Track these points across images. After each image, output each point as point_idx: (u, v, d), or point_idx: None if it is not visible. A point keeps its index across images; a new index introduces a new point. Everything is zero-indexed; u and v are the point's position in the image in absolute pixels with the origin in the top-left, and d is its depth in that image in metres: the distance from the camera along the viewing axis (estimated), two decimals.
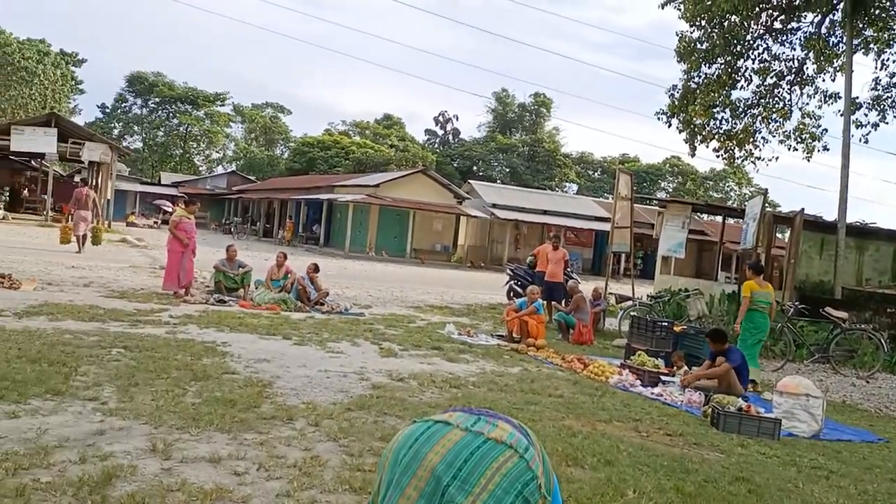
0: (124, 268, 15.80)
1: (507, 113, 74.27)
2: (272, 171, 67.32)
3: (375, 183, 35.77)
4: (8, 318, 8.22)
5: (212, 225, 48.14)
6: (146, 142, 71.99)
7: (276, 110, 79.89)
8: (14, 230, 24.31)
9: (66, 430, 4.57)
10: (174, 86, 71.33)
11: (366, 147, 61.56)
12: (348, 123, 77.62)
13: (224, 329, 9.09)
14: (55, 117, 32.33)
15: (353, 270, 23.50)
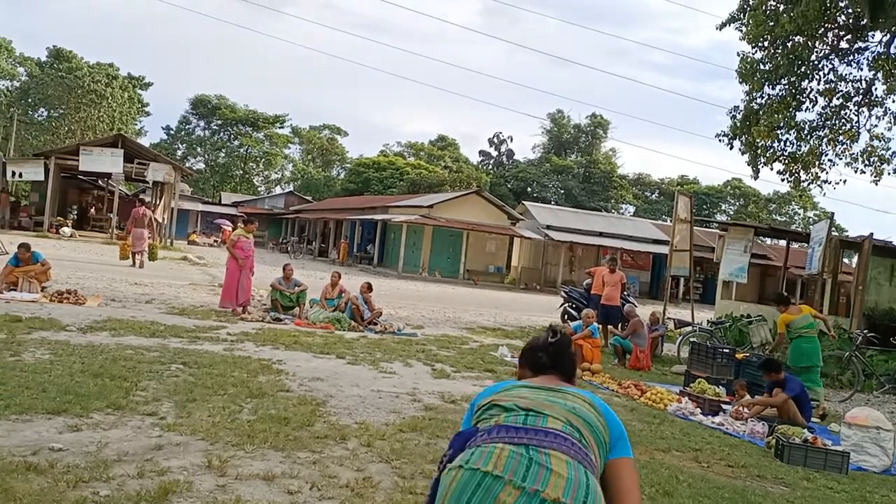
0: (184, 285, 16.18)
1: (562, 134, 73.98)
2: (328, 192, 68.37)
3: (429, 204, 35.95)
4: (73, 332, 8.46)
5: (269, 244, 49.04)
6: (208, 163, 73.99)
7: (333, 132, 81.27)
8: (80, 247, 25.18)
9: (126, 444, 4.65)
10: (236, 108, 73.31)
11: (420, 168, 62.02)
12: (403, 145, 78.44)
13: (279, 347, 9.19)
14: (122, 138, 33.53)
15: (405, 290, 23.58)
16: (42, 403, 5.24)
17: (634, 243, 37.84)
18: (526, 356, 2.52)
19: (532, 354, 2.49)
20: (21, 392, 5.47)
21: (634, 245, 37.61)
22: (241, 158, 74.75)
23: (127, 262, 19.76)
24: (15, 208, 33.41)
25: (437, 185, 54.47)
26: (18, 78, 65.10)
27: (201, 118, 74.23)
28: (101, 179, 38.43)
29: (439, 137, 79.67)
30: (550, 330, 2.55)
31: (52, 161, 31.46)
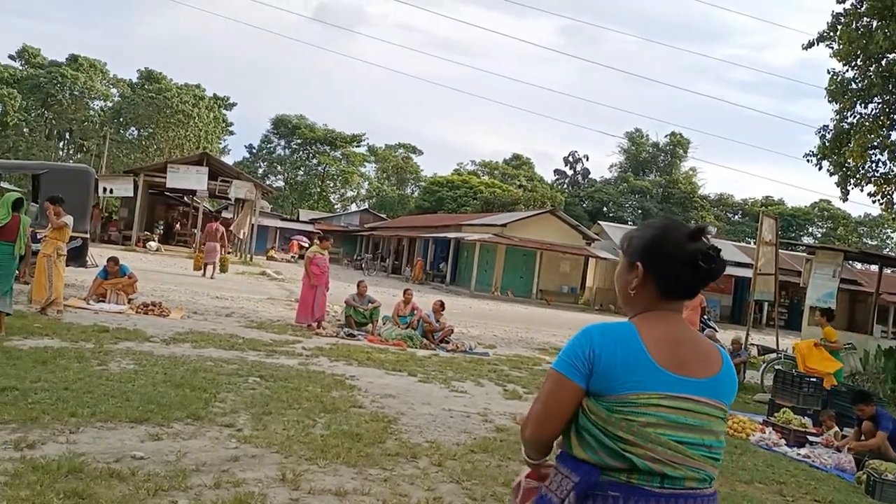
0: (263, 300, 16.57)
1: (640, 153, 72.77)
2: (402, 210, 69.14)
3: (503, 223, 35.84)
4: (157, 343, 8.76)
5: (344, 260, 49.85)
6: (287, 180, 75.97)
7: (409, 150, 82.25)
8: (165, 261, 26.18)
9: (204, 454, 4.74)
10: (315, 128, 75.17)
11: (494, 187, 62.03)
12: (477, 163, 78.66)
13: (353, 363, 9.27)
14: (207, 157, 34.81)
15: (478, 309, 23.51)
16: (125, 412, 5.41)
17: None
18: (664, 262, 1.84)
19: (676, 263, 1.83)
20: (106, 400, 5.67)
21: None
22: (318, 176, 76.48)
23: (201, 273, 21.23)
24: (106, 223, 35.02)
25: (510, 204, 54.33)
26: (111, 98, 68.63)
27: (282, 137, 76.40)
28: (186, 196, 39.92)
29: (514, 156, 79.63)
30: (699, 230, 1.86)
31: (141, 178, 32.90)
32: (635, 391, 1.73)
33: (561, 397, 1.79)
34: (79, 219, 11.56)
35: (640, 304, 1.90)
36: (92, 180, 15.21)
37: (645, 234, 1.91)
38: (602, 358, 1.76)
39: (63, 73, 64.27)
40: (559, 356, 1.82)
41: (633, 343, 1.78)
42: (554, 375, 1.80)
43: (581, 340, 1.80)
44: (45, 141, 65.18)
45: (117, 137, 63.81)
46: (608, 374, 1.75)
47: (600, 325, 1.84)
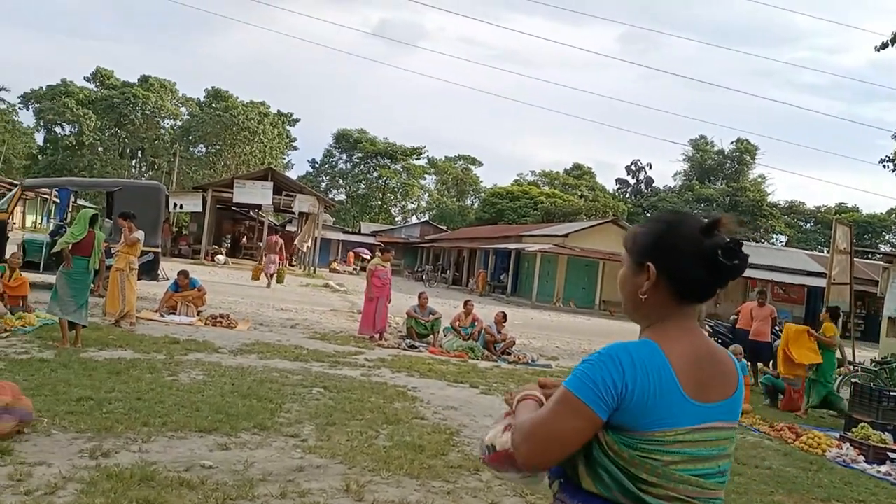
0: (326, 311, 16.80)
1: (705, 161, 71.26)
2: (462, 221, 69.31)
3: (564, 233, 35.53)
4: (225, 354, 8.96)
5: (405, 272, 50.18)
6: (349, 194, 77.13)
7: (468, 162, 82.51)
8: (232, 274, 26.85)
9: (270, 464, 4.82)
10: (376, 142, 76.18)
11: (554, 197, 61.64)
12: (537, 174, 78.35)
13: (414, 374, 9.30)
14: (271, 172, 35.66)
15: (539, 321, 23.33)
16: (195, 422, 5.54)
17: (786, 275, 35.55)
18: (678, 261, 1.63)
19: (692, 261, 1.62)
20: (177, 410, 5.82)
21: (786, 277, 35.33)
22: (379, 189, 77.39)
23: (262, 284, 22.36)
24: (176, 238, 36.14)
25: (572, 214, 53.88)
26: (181, 117, 71.05)
27: (343, 151, 77.67)
28: (252, 210, 40.90)
29: (574, 166, 79.03)
30: (714, 222, 1.64)
31: (209, 193, 33.91)
32: (662, 429, 1.56)
33: (575, 426, 1.55)
34: (150, 234, 11.97)
35: (653, 310, 1.68)
36: (163, 196, 15.72)
37: (654, 230, 1.69)
38: (635, 394, 1.54)
39: (135, 93, 66.88)
40: (580, 378, 1.56)
41: (665, 373, 1.57)
42: (572, 400, 1.55)
43: (610, 368, 1.55)
44: (119, 159, 67.89)
45: (186, 154, 66.00)
46: (637, 411, 1.55)
47: (629, 351, 1.58)
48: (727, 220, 1.63)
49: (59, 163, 63.02)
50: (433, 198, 79.54)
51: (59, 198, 16.71)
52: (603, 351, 1.59)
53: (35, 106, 67.22)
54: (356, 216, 73.61)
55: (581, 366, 1.59)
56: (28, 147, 68.11)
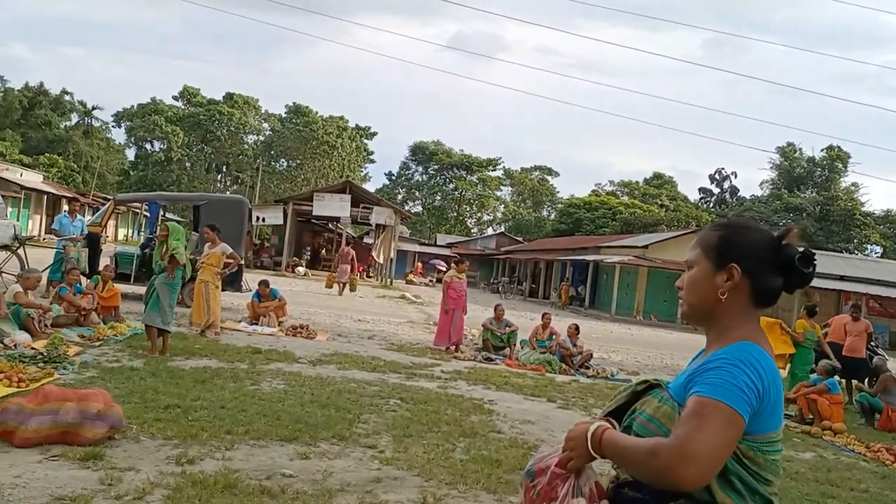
0: (402, 323, 16.92)
1: (794, 169, 68.55)
2: (538, 232, 68.84)
3: (644, 244, 34.78)
4: (304, 365, 9.11)
5: (481, 284, 50.14)
6: (425, 206, 77.78)
7: (544, 172, 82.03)
8: (311, 285, 27.44)
9: (348, 474, 4.84)
10: (452, 153, 76.64)
11: (634, 207, 60.53)
12: (616, 184, 77.20)
13: (491, 387, 9.22)
14: (349, 185, 36.34)
15: (619, 334, 22.86)
16: (276, 430, 5.63)
17: (883, 288, 33.70)
18: (761, 264, 1.69)
19: (771, 267, 1.69)
20: (259, 419, 5.94)
21: (883, 290, 33.50)
22: (455, 201, 77.76)
23: (335, 292, 23.82)
24: (258, 250, 37.20)
25: (652, 224, 52.77)
26: (263, 133, 73.31)
27: (420, 164, 78.46)
28: (330, 223, 41.72)
29: (655, 175, 77.50)
30: (787, 232, 1.72)
31: (289, 207, 34.81)
32: (776, 429, 1.63)
33: (733, 436, 1.55)
34: (234, 246, 12.31)
35: (728, 313, 1.71)
36: (246, 210, 16.19)
37: (734, 234, 1.73)
38: (770, 394, 1.59)
39: (220, 110, 69.45)
40: (725, 387, 1.56)
41: (778, 376, 1.64)
42: (729, 413, 1.54)
43: (749, 373, 1.58)
44: (205, 174, 70.57)
45: (268, 169, 68.00)
46: (766, 413, 1.60)
47: (754, 355, 1.62)
48: (798, 230, 1.70)
49: (149, 178, 65.96)
50: (509, 209, 79.34)
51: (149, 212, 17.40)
52: (728, 357, 1.60)
53: (127, 124, 70.79)
54: (432, 228, 74.13)
55: (712, 374, 1.59)
56: (120, 163, 71.56)
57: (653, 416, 1.70)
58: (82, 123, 69.14)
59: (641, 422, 1.71)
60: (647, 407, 1.73)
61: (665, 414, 1.68)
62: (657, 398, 1.73)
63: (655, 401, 1.73)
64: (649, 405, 1.72)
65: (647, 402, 1.74)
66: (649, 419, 1.70)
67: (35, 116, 65.57)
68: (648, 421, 1.70)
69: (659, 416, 1.69)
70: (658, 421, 1.68)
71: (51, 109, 67.20)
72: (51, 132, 65.53)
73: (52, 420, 4.67)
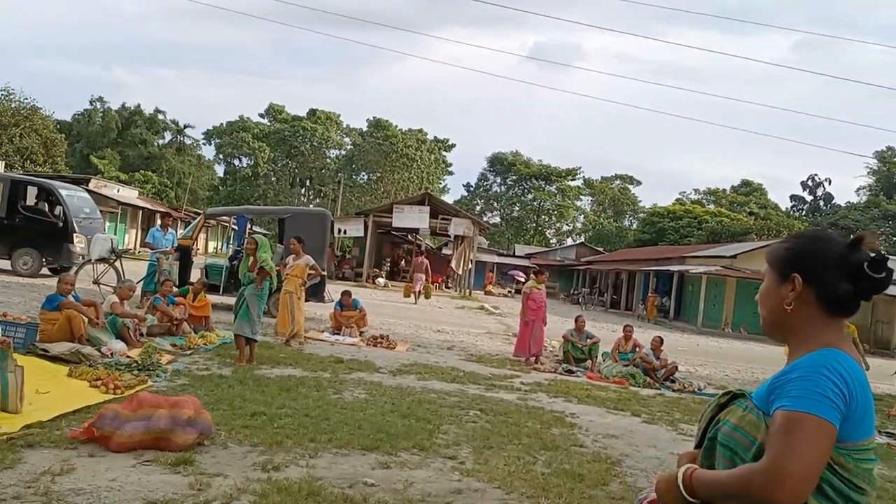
0: (481, 333, 16.88)
1: (893, 174, 65.05)
2: (620, 243, 67.64)
3: (732, 254, 33.64)
4: (385, 374, 9.19)
5: (560, 295, 49.58)
6: (503, 216, 77.67)
7: (625, 181, 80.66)
8: (390, 295, 27.76)
9: (429, 485, 4.83)
10: (530, 164, 76.33)
11: (721, 216, 58.67)
12: (701, 192, 75.16)
13: (572, 400, 9.06)
14: (428, 196, 36.66)
15: (706, 347, 22.15)
16: (358, 439, 5.68)
17: None
18: (825, 272, 1.65)
19: (838, 274, 1.64)
20: (341, 427, 6.00)
21: None
22: (534, 211, 77.34)
23: (414, 301, 24.82)
24: (340, 261, 37.94)
25: (740, 233, 51.04)
26: (345, 147, 74.91)
27: (498, 174, 78.44)
28: (410, 234, 42.17)
29: (743, 182, 75.09)
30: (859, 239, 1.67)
31: (370, 219, 35.38)
32: (867, 436, 1.60)
33: (825, 447, 1.52)
34: (317, 258, 12.59)
35: (799, 324, 1.69)
36: (328, 222, 16.53)
37: (799, 244, 1.73)
38: (858, 400, 1.56)
39: (304, 126, 71.43)
40: (809, 397, 1.53)
41: (865, 380, 1.60)
42: (814, 421, 1.51)
43: (834, 378, 1.55)
44: (290, 188, 72.61)
45: (350, 182, 69.38)
46: (856, 418, 1.56)
47: (838, 360, 1.58)
48: (870, 237, 1.67)
49: (237, 192, 68.37)
50: (589, 219, 78.30)
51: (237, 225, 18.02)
52: (810, 365, 1.57)
53: (216, 141, 73.72)
54: (510, 238, 73.90)
55: (795, 385, 1.55)
56: (210, 179, 74.54)
57: (738, 424, 1.66)
58: (175, 141, 72.49)
59: (726, 431, 1.68)
60: (731, 416, 1.70)
61: (750, 422, 1.65)
62: (741, 407, 1.70)
63: (740, 410, 1.69)
64: (734, 414, 1.69)
65: (732, 412, 1.71)
66: (734, 428, 1.67)
67: (131, 136, 69.18)
68: (734, 430, 1.67)
69: (744, 424, 1.65)
70: (743, 430, 1.65)
71: (146, 128, 70.80)
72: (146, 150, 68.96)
73: (146, 426, 4.85)
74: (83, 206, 18.46)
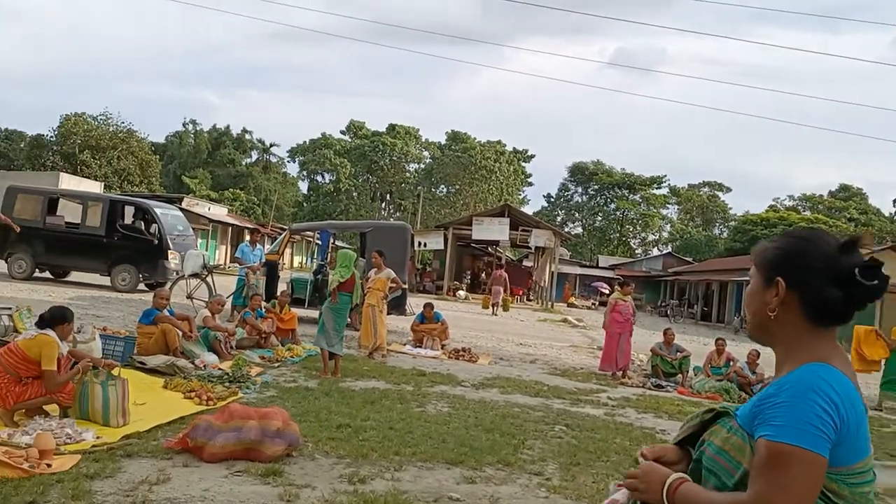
0: (565, 347, 16.62)
1: None
2: (710, 252, 65.55)
3: None
4: (468, 388, 9.14)
5: (647, 307, 48.40)
6: (585, 227, 76.64)
7: (714, 188, 78.29)
8: (471, 308, 27.73)
9: (515, 501, 4.74)
10: (612, 173, 75.13)
11: (818, 222, 56.11)
12: (796, 198, 72.14)
13: (662, 416, 8.77)
14: (508, 208, 36.54)
15: None
16: (442, 453, 5.64)
17: None
18: (811, 277, 1.53)
19: (826, 279, 1.52)
20: (425, 441, 5.98)
21: None
22: (617, 221, 76.03)
23: (493, 313, 24.98)
24: (420, 274, 38.22)
25: None
26: (423, 160, 75.73)
27: (579, 184, 77.56)
28: (490, 246, 42.12)
29: (841, 187, 71.74)
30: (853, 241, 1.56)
31: (450, 231, 35.53)
32: (862, 458, 1.48)
33: (814, 481, 1.41)
34: (397, 271, 12.68)
35: (784, 330, 1.58)
36: (409, 235, 16.67)
37: (786, 245, 1.61)
38: (850, 423, 1.44)
39: (384, 141, 72.66)
40: (794, 426, 1.41)
41: (857, 397, 1.47)
42: (805, 458, 1.40)
43: (821, 403, 1.42)
44: (370, 202, 73.89)
45: (429, 195, 69.98)
46: (846, 443, 1.44)
47: (827, 381, 1.45)
48: (867, 239, 1.57)
49: (320, 208, 70.08)
50: (676, 228, 76.31)
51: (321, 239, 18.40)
52: (796, 386, 1.45)
53: (300, 158, 75.94)
54: (593, 249, 72.82)
55: (779, 412, 1.44)
56: (295, 195, 76.60)
57: (721, 447, 1.57)
58: (261, 160, 74.94)
59: (711, 455, 1.59)
60: (715, 438, 1.61)
61: (735, 446, 1.55)
62: (725, 427, 1.60)
63: (724, 431, 1.60)
64: (717, 436, 1.60)
65: (716, 433, 1.62)
66: (718, 451, 1.58)
67: (220, 155, 71.99)
68: (717, 454, 1.58)
69: (728, 447, 1.56)
70: (728, 454, 1.56)
71: (233, 148, 73.50)
72: (234, 169, 71.56)
73: (237, 437, 4.95)
74: (177, 223, 19.23)
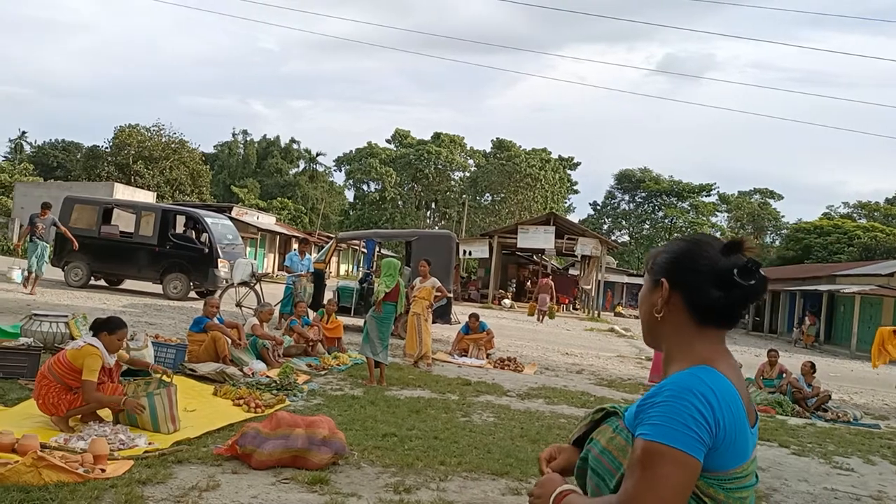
0: (612, 357, 16.40)
1: None
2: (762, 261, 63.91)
3: (889, 272, 31.03)
4: (513, 398, 9.07)
5: None
6: (633, 235, 75.69)
7: (765, 196, 76.57)
8: (518, 317, 27.60)
9: None
10: (660, 180, 74.13)
11: (874, 231, 54.39)
12: (851, 205, 70.05)
13: None
14: (553, 216, 36.31)
15: (860, 373, 20.47)
16: (487, 464, 5.61)
17: None
18: (693, 278, 1.55)
19: (708, 280, 1.53)
20: (470, 451, 5.96)
21: None
22: (665, 229, 74.88)
23: (539, 320, 25.50)
24: (465, 283, 38.20)
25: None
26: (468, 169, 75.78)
27: (626, 192, 76.69)
28: (535, 255, 41.88)
29: None
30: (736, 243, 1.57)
31: (494, 240, 35.44)
32: (741, 463, 1.47)
33: (684, 483, 1.39)
34: (442, 279, 12.70)
35: (671, 331, 1.60)
36: (454, 244, 16.67)
37: (673, 248, 1.65)
38: (727, 428, 1.43)
39: (429, 150, 72.94)
40: (667, 426, 1.40)
41: (736, 402, 1.47)
42: (676, 457, 1.38)
43: (697, 405, 1.41)
44: (415, 211, 74.19)
45: (474, 204, 69.99)
46: (726, 448, 1.44)
47: (705, 382, 1.45)
48: (750, 242, 1.59)
49: (366, 216, 70.64)
50: (726, 236, 74.76)
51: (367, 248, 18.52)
52: (674, 388, 1.45)
53: (346, 167, 76.69)
54: (640, 258, 71.81)
55: (656, 411, 1.43)
56: (341, 204, 77.43)
57: (605, 447, 1.57)
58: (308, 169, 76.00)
59: (595, 454, 1.59)
60: (601, 438, 1.60)
61: (618, 446, 1.54)
62: (612, 427, 1.60)
63: (610, 430, 1.60)
64: (603, 436, 1.60)
65: (602, 433, 1.61)
66: (602, 451, 1.57)
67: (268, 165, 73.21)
68: (601, 454, 1.57)
69: (611, 448, 1.56)
70: (611, 454, 1.55)
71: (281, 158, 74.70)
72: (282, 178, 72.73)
73: (284, 445, 5.00)
74: (226, 232, 19.59)
